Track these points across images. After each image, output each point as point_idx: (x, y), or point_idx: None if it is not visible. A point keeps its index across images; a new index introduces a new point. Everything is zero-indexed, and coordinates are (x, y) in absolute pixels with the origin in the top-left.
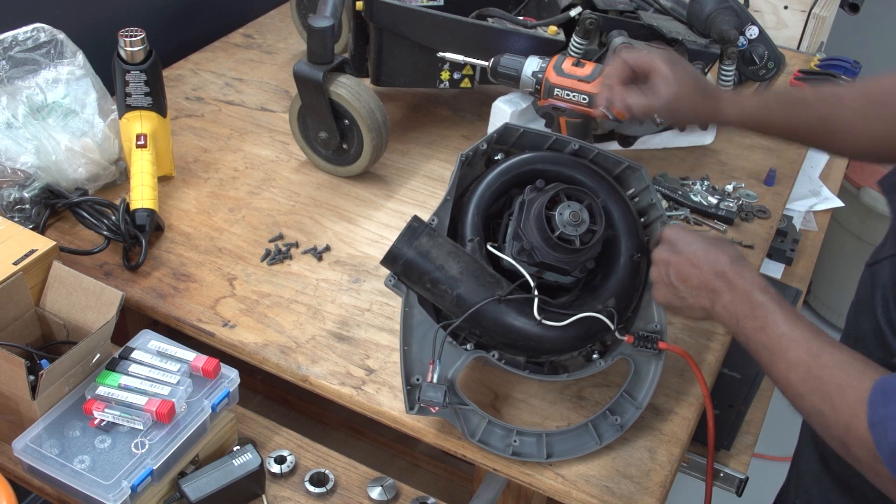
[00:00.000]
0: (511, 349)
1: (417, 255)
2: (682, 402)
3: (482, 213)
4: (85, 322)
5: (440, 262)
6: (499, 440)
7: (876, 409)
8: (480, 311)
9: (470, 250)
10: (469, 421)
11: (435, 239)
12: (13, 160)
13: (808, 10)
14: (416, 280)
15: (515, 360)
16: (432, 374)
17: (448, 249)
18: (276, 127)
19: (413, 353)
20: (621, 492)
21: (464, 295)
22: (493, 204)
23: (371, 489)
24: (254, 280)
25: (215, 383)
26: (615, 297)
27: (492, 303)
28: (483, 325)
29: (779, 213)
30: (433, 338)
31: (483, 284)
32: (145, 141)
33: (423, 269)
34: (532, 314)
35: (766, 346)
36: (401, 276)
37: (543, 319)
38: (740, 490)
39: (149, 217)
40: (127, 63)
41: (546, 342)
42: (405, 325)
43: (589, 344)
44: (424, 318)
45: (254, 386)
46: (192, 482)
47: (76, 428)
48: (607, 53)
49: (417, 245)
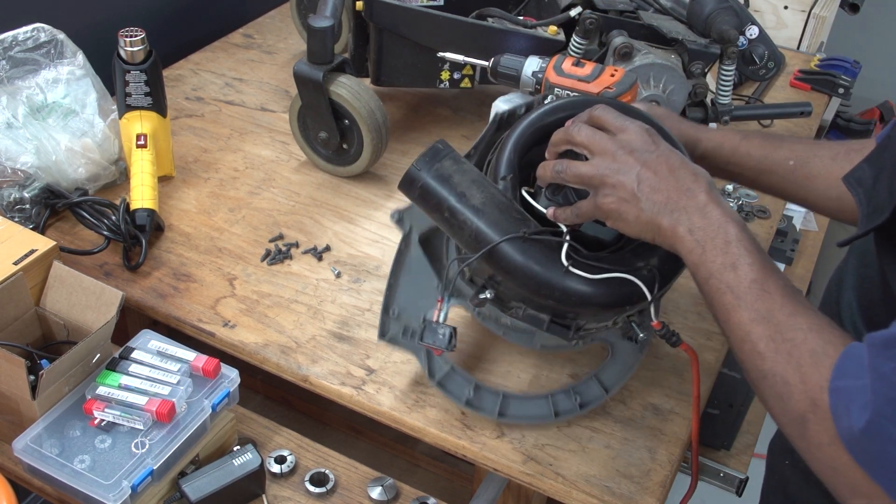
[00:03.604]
0: (531, 302)
1: (437, 177)
2: (682, 402)
3: (520, 153)
4: (85, 322)
5: (462, 188)
6: (457, 388)
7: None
8: (501, 248)
9: (502, 188)
10: (433, 361)
11: (460, 164)
12: (13, 160)
13: (808, 10)
14: (433, 207)
15: (537, 319)
16: (439, 312)
17: (473, 177)
18: (276, 127)
19: (399, 288)
20: (621, 492)
21: (484, 228)
22: (534, 146)
23: (371, 489)
24: (254, 280)
25: (215, 383)
26: (659, 257)
27: (515, 240)
28: (502, 266)
29: (779, 213)
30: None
31: (508, 219)
32: (145, 141)
33: (442, 195)
34: (560, 259)
35: (732, 289)
36: (418, 201)
37: (571, 267)
38: (740, 490)
39: (149, 217)
40: (127, 63)
41: (573, 295)
42: (398, 260)
43: (622, 308)
44: (420, 260)
45: (254, 386)
46: (193, 482)
47: (76, 428)
48: (607, 53)
49: (439, 168)
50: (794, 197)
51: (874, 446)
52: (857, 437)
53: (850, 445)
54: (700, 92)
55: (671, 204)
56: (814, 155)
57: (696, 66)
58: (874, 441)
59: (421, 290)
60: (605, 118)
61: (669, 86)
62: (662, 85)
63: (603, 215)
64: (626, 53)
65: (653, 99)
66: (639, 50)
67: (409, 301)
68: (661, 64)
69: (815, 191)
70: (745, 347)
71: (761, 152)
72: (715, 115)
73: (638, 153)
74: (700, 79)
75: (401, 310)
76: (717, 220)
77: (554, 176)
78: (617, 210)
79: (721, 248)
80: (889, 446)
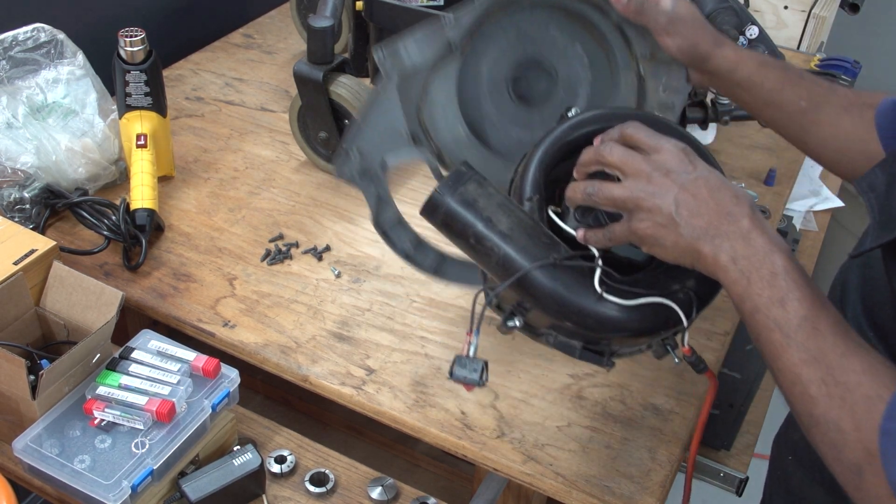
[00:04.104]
0: (563, 330)
1: (461, 202)
2: (682, 402)
3: (546, 171)
4: (85, 322)
5: (488, 213)
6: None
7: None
8: (531, 276)
9: (528, 210)
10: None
11: (485, 188)
12: (13, 160)
13: (808, 10)
14: (458, 234)
15: (569, 346)
16: (468, 347)
17: (499, 201)
18: (276, 127)
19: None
20: (621, 492)
21: (513, 254)
22: (560, 163)
23: (371, 489)
24: (254, 280)
25: (215, 383)
26: (695, 279)
27: (545, 267)
28: (532, 294)
29: (779, 213)
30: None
31: (537, 244)
32: (145, 141)
33: (467, 221)
34: (592, 286)
35: (781, 326)
36: (442, 227)
37: (605, 293)
38: (740, 490)
39: (149, 217)
40: (127, 63)
41: (606, 323)
42: (370, 101)
43: (657, 334)
44: (393, 105)
45: (254, 386)
46: (193, 482)
47: (76, 428)
48: None
49: (463, 192)
50: (795, 139)
51: None
52: None
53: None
54: (700, 92)
55: (712, 229)
56: (826, 101)
57: None
58: None
59: (387, 133)
60: (638, 136)
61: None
62: (662, 85)
63: (638, 240)
64: None
65: None
66: None
67: (373, 144)
68: None
69: (817, 138)
70: (796, 390)
71: (775, 85)
72: (715, 115)
73: (675, 174)
74: None
75: (363, 150)
76: (762, 248)
77: (585, 198)
78: (654, 235)
79: (768, 281)
80: None
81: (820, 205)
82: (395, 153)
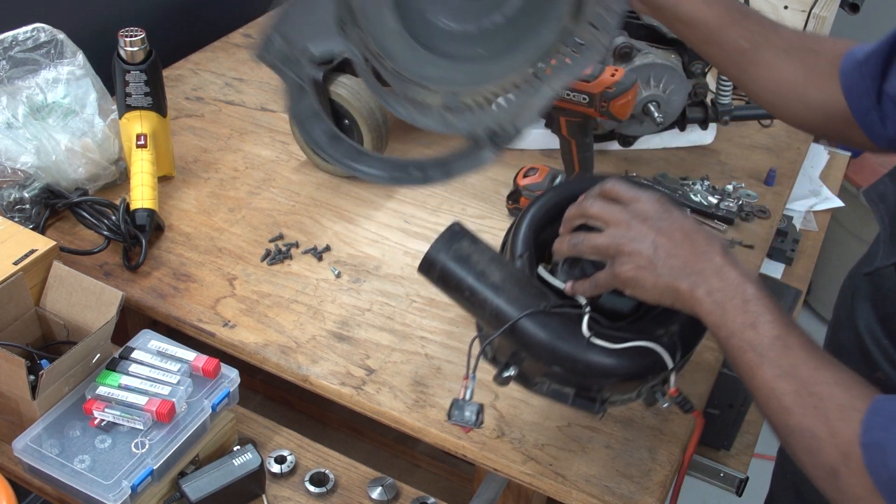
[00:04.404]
0: (555, 377)
1: (456, 258)
2: None
3: (535, 231)
4: (85, 322)
5: (481, 267)
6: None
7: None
8: (522, 324)
9: (519, 266)
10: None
11: (477, 244)
12: (13, 160)
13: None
14: (454, 288)
15: (562, 393)
16: (464, 391)
17: (491, 256)
18: (276, 127)
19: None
20: (621, 492)
21: (505, 305)
22: (549, 225)
23: (371, 489)
24: (254, 280)
25: (215, 383)
26: (679, 324)
27: (536, 315)
28: (524, 342)
29: (779, 213)
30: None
31: (528, 295)
32: (145, 141)
33: (461, 275)
34: (581, 331)
35: (754, 347)
36: (439, 282)
37: (593, 337)
38: (740, 490)
39: (149, 217)
40: (127, 63)
41: (595, 367)
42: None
43: (645, 378)
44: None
45: (254, 386)
46: (193, 482)
47: (76, 428)
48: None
49: (457, 248)
50: (734, 79)
51: None
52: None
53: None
54: (700, 92)
55: (688, 268)
56: (767, 42)
57: (696, 66)
58: None
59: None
60: (617, 190)
61: (669, 86)
62: (662, 85)
63: (621, 284)
64: (626, 53)
65: (653, 99)
66: (639, 50)
67: (297, 29)
68: (661, 64)
69: (754, 79)
70: (772, 404)
71: (718, 23)
72: (715, 115)
73: (652, 220)
74: (700, 79)
75: (286, 35)
76: (734, 280)
77: (570, 249)
78: (634, 277)
79: (740, 308)
80: None
81: (820, 205)
82: (319, 41)
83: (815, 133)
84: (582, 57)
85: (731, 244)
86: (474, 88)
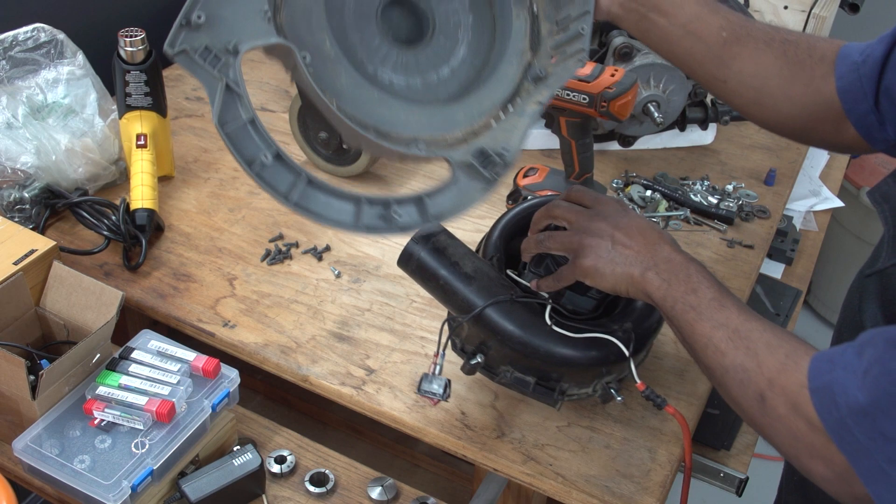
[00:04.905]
0: (519, 366)
1: (433, 250)
2: (682, 402)
3: (505, 238)
4: (85, 322)
5: (455, 258)
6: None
7: (820, 376)
8: (491, 311)
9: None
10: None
11: (453, 239)
12: (13, 160)
13: (808, 10)
14: (429, 277)
15: (524, 381)
16: (434, 367)
17: (465, 250)
18: (276, 127)
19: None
20: (621, 492)
21: (475, 293)
22: (518, 235)
23: (371, 489)
24: (254, 280)
25: (215, 383)
26: (633, 321)
27: (503, 303)
28: (491, 328)
29: (779, 213)
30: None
31: (497, 286)
32: (145, 141)
33: (437, 265)
34: (544, 319)
35: (694, 307)
36: (416, 273)
37: (555, 326)
38: (740, 490)
39: (149, 217)
40: (127, 63)
41: (556, 355)
42: None
43: (601, 367)
44: None
45: (254, 386)
46: (192, 482)
47: (76, 428)
48: (607, 53)
49: (435, 241)
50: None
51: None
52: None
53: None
54: (700, 92)
55: (640, 257)
56: (747, 33)
57: None
58: (862, 426)
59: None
60: (581, 195)
61: (669, 86)
62: (662, 85)
63: (582, 274)
64: (626, 53)
65: (653, 99)
66: (639, 50)
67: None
68: (661, 64)
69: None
70: (709, 352)
71: (694, 11)
72: (715, 115)
73: (611, 219)
74: None
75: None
76: (680, 262)
77: (537, 245)
78: (594, 267)
79: (683, 280)
80: (876, 435)
81: (820, 205)
82: (251, 38)
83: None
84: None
85: (732, 244)
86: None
